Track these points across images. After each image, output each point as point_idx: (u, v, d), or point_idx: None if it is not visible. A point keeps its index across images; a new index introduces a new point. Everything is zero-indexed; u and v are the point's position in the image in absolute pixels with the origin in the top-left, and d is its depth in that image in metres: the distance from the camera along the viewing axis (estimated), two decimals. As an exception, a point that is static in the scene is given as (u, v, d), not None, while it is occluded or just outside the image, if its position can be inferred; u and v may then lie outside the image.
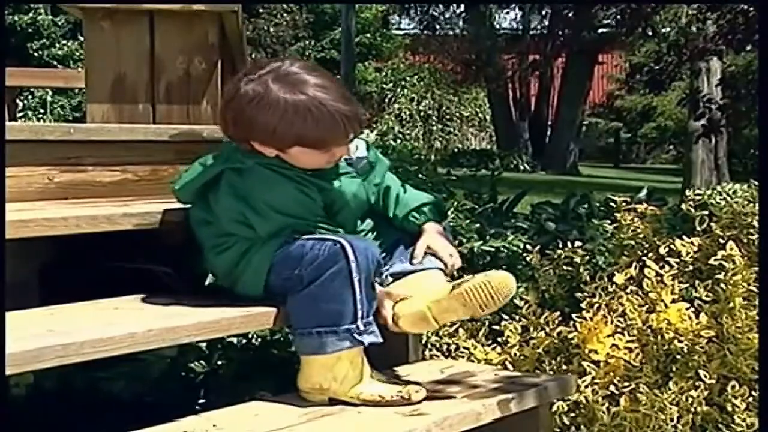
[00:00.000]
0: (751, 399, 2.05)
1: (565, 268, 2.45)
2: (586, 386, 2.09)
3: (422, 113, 16.54)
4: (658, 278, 2.24)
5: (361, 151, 1.83)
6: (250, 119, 1.68)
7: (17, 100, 8.12)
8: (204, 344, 2.15)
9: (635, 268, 2.29)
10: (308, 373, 1.69)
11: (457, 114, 17.08)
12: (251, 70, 1.71)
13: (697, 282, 2.27)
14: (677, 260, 2.31)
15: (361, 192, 1.83)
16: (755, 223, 2.32)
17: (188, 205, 1.81)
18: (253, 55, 12.24)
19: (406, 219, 1.87)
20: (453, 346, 2.26)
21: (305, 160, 1.71)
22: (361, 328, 1.65)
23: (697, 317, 2.18)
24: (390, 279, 1.82)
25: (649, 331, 2.17)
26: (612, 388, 2.11)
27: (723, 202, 2.48)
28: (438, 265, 1.84)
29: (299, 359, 1.72)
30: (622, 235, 2.46)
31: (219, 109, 1.80)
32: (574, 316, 2.24)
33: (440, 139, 16.67)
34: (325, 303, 1.64)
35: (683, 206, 2.54)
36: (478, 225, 2.71)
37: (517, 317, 2.31)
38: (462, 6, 15.17)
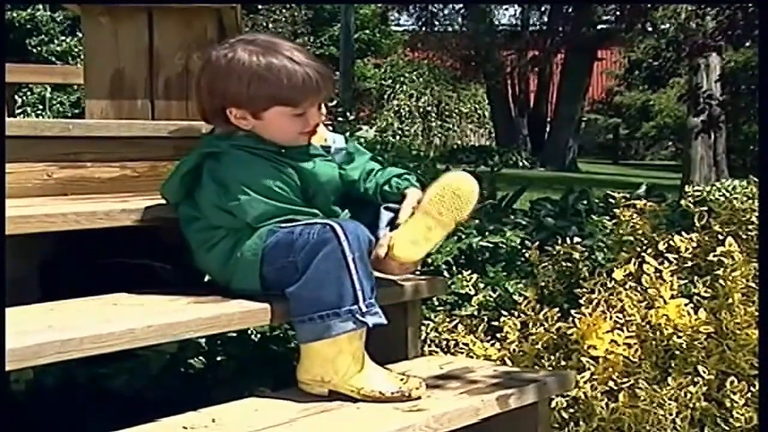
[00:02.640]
0: (749, 394, 2.05)
1: (564, 264, 2.45)
2: (585, 382, 2.09)
3: (421, 109, 16.53)
4: (657, 274, 2.24)
5: (339, 143, 1.84)
6: (224, 83, 1.71)
7: (16, 96, 8.11)
8: (203, 340, 2.15)
9: (634, 264, 2.29)
10: (309, 365, 1.68)
11: (456, 110, 17.08)
12: (221, 42, 1.77)
13: (696, 278, 2.27)
14: (676, 256, 2.31)
15: (336, 175, 1.82)
16: (754, 219, 2.32)
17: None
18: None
19: (388, 184, 1.84)
20: (452, 342, 2.26)
21: (282, 125, 1.73)
22: (364, 309, 1.64)
23: (695, 313, 2.18)
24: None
25: (648, 326, 2.18)
26: (611, 383, 2.11)
27: (722, 198, 2.49)
28: None
29: (298, 354, 1.72)
30: (621, 231, 2.46)
31: (193, 86, 1.82)
32: (573, 312, 2.24)
33: (439, 135, 16.67)
34: (323, 287, 1.63)
35: (682, 202, 2.54)
36: (477, 221, 2.71)
37: (516, 313, 2.31)
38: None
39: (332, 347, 1.65)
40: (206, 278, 1.93)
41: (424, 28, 16.15)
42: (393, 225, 1.79)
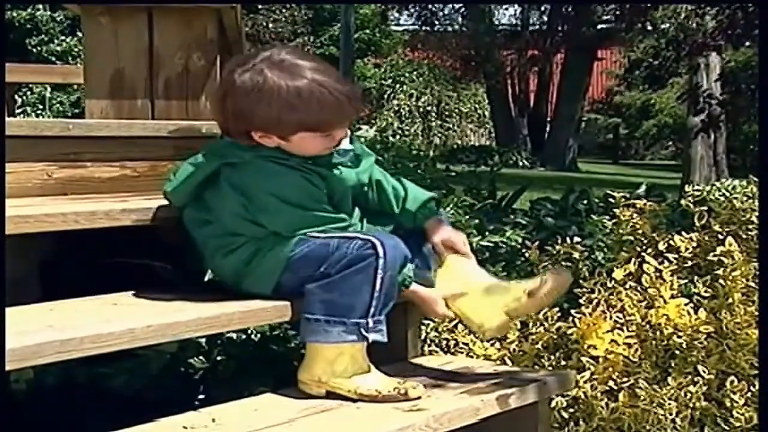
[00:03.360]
0: (749, 394, 2.05)
1: (564, 263, 2.45)
2: (585, 382, 2.09)
3: (421, 109, 16.54)
4: (657, 274, 2.24)
5: (345, 145, 1.82)
6: (251, 110, 1.66)
7: (16, 96, 8.11)
8: (203, 340, 2.15)
9: (634, 264, 2.29)
10: (310, 365, 1.68)
11: (456, 110, 17.08)
12: (243, 61, 1.71)
13: (696, 278, 2.27)
14: (676, 256, 2.31)
15: (357, 182, 1.83)
16: (754, 219, 2.32)
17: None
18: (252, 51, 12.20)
19: (417, 214, 1.86)
20: (452, 342, 2.26)
21: (307, 145, 1.70)
22: (370, 325, 1.64)
23: (695, 313, 2.18)
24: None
25: (648, 326, 2.18)
26: (611, 383, 2.11)
27: (722, 198, 2.49)
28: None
29: (299, 354, 1.72)
30: (621, 231, 2.46)
31: (214, 105, 1.79)
32: (573, 311, 2.24)
33: (439, 135, 16.67)
34: (341, 295, 1.63)
35: (682, 202, 2.54)
36: (477, 220, 2.71)
37: (516, 313, 2.31)
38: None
39: (334, 349, 1.66)
40: (206, 278, 1.93)
41: (424, 28, 16.13)
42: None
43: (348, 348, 1.66)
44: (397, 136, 14.58)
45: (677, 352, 2.14)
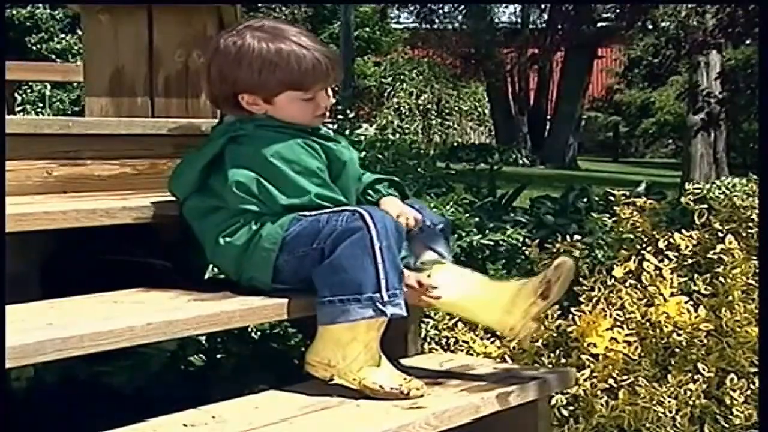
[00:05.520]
0: (749, 392, 2.05)
1: (564, 261, 2.45)
2: (585, 379, 2.09)
3: (421, 107, 16.52)
4: (657, 272, 2.24)
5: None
6: (235, 71, 1.73)
7: (16, 94, 8.10)
8: (203, 338, 2.15)
9: (634, 262, 2.30)
10: (321, 347, 1.67)
11: (456, 108, 17.07)
12: (228, 29, 1.79)
13: (695, 275, 2.27)
14: (676, 254, 2.31)
15: (355, 159, 1.86)
16: (754, 217, 2.32)
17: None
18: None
19: (362, 196, 1.87)
20: (452, 340, 2.26)
21: (293, 109, 1.75)
22: (385, 298, 1.62)
23: (695, 311, 2.18)
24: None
25: (647, 324, 2.18)
26: (611, 381, 2.11)
27: (722, 196, 2.49)
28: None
29: (299, 352, 1.72)
30: (620, 229, 2.46)
31: (202, 74, 1.84)
32: (573, 309, 2.24)
33: (439, 133, 16.65)
34: (346, 272, 1.62)
35: (682, 200, 2.54)
36: (477, 219, 2.71)
37: (516, 311, 2.31)
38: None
39: (348, 332, 1.64)
40: (206, 276, 1.93)
41: (424, 26, 16.13)
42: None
43: (363, 332, 1.64)
44: (397, 134, 14.56)
45: (677, 349, 2.14)
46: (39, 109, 11.93)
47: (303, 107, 1.76)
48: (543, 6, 14.79)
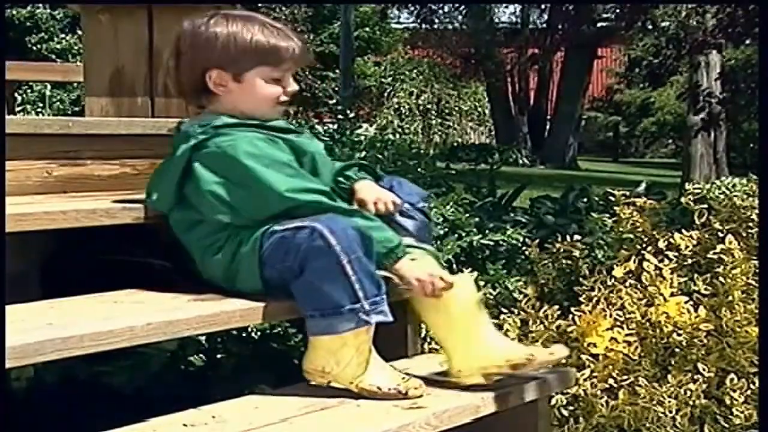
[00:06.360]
0: (749, 392, 2.05)
1: (564, 261, 2.45)
2: (585, 379, 2.09)
3: (421, 107, 16.52)
4: (657, 272, 2.24)
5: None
6: (207, 47, 1.75)
7: (16, 94, 8.10)
8: (203, 338, 2.15)
9: (634, 262, 2.30)
10: (313, 356, 1.68)
11: (456, 108, 17.06)
12: (194, 19, 1.81)
13: (695, 275, 2.27)
14: (676, 254, 2.31)
15: (321, 151, 1.86)
16: (754, 217, 2.32)
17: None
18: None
19: (335, 185, 1.85)
20: (452, 340, 2.26)
21: (261, 89, 1.77)
22: (367, 307, 1.62)
23: (695, 311, 2.18)
24: None
25: (647, 324, 2.18)
26: (611, 381, 2.11)
27: (722, 196, 2.49)
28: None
29: (299, 352, 1.72)
30: (621, 229, 2.46)
31: (171, 61, 1.84)
32: (573, 309, 2.24)
33: (439, 133, 16.65)
34: (321, 288, 1.62)
35: (682, 200, 2.54)
36: (477, 219, 2.71)
37: (515, 311, 2.31)
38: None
39: (337, 341, 1.65)
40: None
41: (423, 26, 16.13)
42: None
43: (351, 338, 1.64)
44: (397, 134, 14.56)
45: (677, 349, 2.14)
46: (39, 109, 11.92)
47: (269, 89, 1.78)
48: (543, 6, 14.79)
